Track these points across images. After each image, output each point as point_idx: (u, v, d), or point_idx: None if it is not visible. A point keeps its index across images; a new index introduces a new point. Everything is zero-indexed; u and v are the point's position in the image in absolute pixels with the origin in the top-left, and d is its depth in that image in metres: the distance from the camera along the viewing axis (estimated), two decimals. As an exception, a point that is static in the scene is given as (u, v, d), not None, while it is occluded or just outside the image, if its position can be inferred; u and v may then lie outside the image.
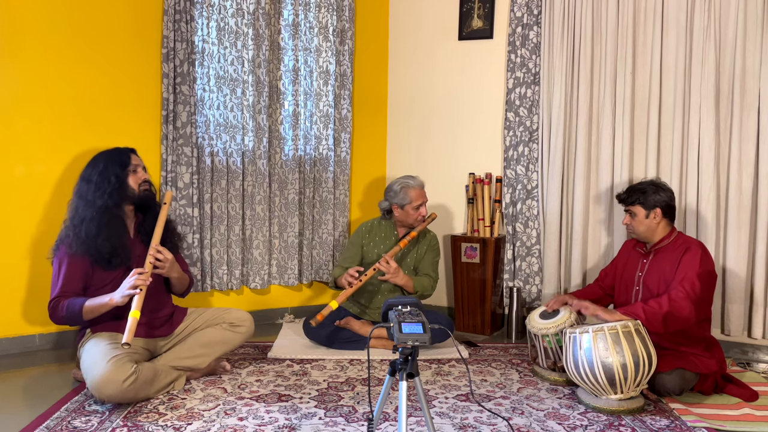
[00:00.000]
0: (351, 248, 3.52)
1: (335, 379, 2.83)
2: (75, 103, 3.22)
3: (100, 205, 2.59)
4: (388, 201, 3.43)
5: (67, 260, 2.58)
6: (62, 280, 2.56)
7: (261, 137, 3.71)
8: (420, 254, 3.47)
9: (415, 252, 3.47)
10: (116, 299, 2.46)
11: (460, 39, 4.00)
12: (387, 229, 3.50)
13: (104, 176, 2.63)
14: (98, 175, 2.63)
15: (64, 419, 2.30)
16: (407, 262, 3.46)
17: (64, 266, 2.57)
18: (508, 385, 2.79)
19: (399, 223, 3.46)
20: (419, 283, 3.36)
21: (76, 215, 2.61)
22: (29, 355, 3.11)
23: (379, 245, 3.46)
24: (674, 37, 3.40)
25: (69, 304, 2.51)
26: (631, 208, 2.85)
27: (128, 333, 2.33)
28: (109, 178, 2.63)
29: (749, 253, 3.31)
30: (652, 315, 2.54)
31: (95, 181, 2.62)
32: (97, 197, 2.60)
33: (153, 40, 3.40)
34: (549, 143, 3.71)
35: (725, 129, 3.34)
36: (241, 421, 2.32)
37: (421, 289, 3.36)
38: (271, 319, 3.90)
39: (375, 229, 3.53)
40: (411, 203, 3.36)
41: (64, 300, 2.53)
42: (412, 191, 3.37)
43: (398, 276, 3.27)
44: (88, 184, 2.64)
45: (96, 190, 2.61)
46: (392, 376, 1.82)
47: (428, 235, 3.51)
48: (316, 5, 3.87)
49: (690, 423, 2.37)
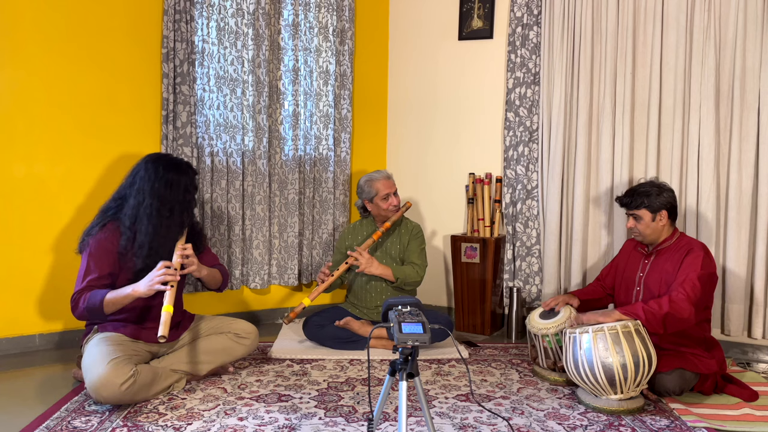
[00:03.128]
0: (336, 254, 3.58)
1: (335, 379, 2.83)
2: (75, 103, 3.22)
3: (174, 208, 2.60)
4: (360, 199, 3.49)
5: (95, 254, 2.53)
6: (87, 274, 2.51)
7: (261, 137, 3.71)
8: (404, 244, 3.48)
9: (398, 243, 3.48)
10: (141, 289, 2.41)
11: (460, 39, 4.01)
12: (368, 228, 3.53)
13: (181, 183, 2.63)
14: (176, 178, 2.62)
15: (64, 419, 2.30)
16: (392, 254, 3.47)
17: (92, 261, 2.52)
18: (508, 385, 2.79)
19: (377, 218, 3.49)
20: (399, 272, 3.37)
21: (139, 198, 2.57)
22: (29, 355, 3.11)
23: (362, 244, 3.48)
24: (674, 37, 3.40)
25: (90, 296, 2.45)
26: (636, 212, 2.80)
27: (163, 326, 2.31)
28: (186, 186, 2.65)
29: (749, 253, 3.31)
30: (652, 316, 2.53)
31: (171, 183, 2.60)
32: (174, 199, 2.60)
33: (153, 40, 3.40)
34: (549, 143, 3.71)
35: (725, 129, 3.34)
36: (241, 421, 2.32)
37: (402, 276, 3.36)
38: (271, 319, 3.91)
39: (357, 230, 3.57)
40: (378, 194, 3.40)
41: (87, 292, 2.47)
42: (376, 183, 3.41)
43: (372, 266, 3.31)
44: (161, 182, 2.59)
45: (173, 193, 2.60)
46: (392, 376, 1.82)
47: (410, 225, 3.53)
48: (316, 5, 3.87)
49: (690, 423, 2.37)
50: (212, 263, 2.86)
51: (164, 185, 2.59)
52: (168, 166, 2.63)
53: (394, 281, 3.36)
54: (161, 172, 2.60)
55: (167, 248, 2.57)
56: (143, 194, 2.57)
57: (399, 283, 3.37)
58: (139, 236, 2.55)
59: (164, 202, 2.58)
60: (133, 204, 2.58)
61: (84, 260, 2.55)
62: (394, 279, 3.36)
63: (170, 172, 2.61)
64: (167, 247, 2.57)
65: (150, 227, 2.54)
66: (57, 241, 3.19)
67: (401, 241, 3.49)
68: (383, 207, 3.41)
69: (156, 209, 2.56)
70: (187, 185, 2.67)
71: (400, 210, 3.46)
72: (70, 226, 3.19)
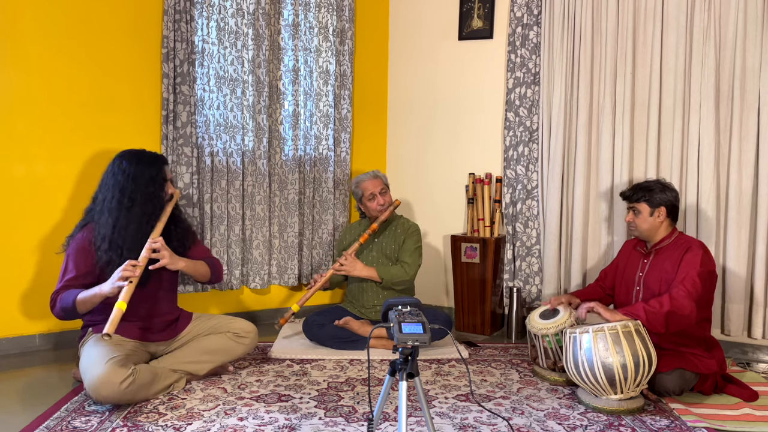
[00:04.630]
0: (337, 255, 3.60)
1: (335, 379, 2.83)
2: (75, 103, 3.22)
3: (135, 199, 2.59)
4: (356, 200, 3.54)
5: (73, 254, 2.57)
6: (65, 273, 2.56)
7: (261, 137, 3.71)
8: (399, 243, 3.47)
9: (393, 242, 3.48)
10: (105, 289, 2.43)
11: (460, 39, 4.00)
12: (365, 227, 3.54)
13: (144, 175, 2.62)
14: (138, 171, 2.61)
15: (64, 419, 2.30)
16: (387, 254, 3.46)
17: (71, 261, 2.57)
18: (508, 385, 2.79)
19: (371, 219, 3.51)
20: (385, 272, 3.37)
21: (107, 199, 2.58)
22: (29, 355, 3.11)
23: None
24: (674, 37, 3.40)
25: (64, 296, 2.50)
26: (635, 205, 2.84)
27: (110, 324, 2.29)
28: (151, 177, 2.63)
29: (749, 253, 3.31)
30: (653, 315, 2.53)
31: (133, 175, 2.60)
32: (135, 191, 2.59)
33: (153, 40, 3.40)
34: (549, 143, 3.71)
35: (725, 129, 3.34)
36: (241, 421, 2.32)
37: (389, 276, 3.36)
38: (271, 319, 3.90)
39: (355, 229, 3.60)
40: (364, 194, 3.43)
41: (63, 292, 2.52)
42: (363, 183, 3.44)
43: (356, 269, 3.35)
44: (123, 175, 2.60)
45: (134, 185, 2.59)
46: (392, 376, 1.82)
47: (407, 224, 3.53)
48: (316, 5, 3.87)
49: (690, 423, 2.37)
50: (201, 256, 2.84)
51: (125, 178, 2.60)
52: (131, 159, 2.64)
53: (381, 281, 3.37)
54: (124, 165, 2.62)
55: (135, 242, 2.57)
56: (108, 189, 2.61)
57: (386, 284, 3.38)
58: (101, 230, 2.57)
59: (125, 193, 2.58)
60: (99, 200, 2.63)
61: (64, 261, 2.61)
62: (380, 279, 3.36)
63: (132, 165, 2.62)
64: (135, 241, 2.57)
65: (110, 219, 2.56)
66: (57, 241, 3.18)
67: (397, 240, 3.48)
68: (371, 207, 3.43)
69: (117, 201, 2.57)
70: (153, 176, 2.64)
71: (387, 210, 3.46)
72: (70, 227, 3.17)
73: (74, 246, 2.60)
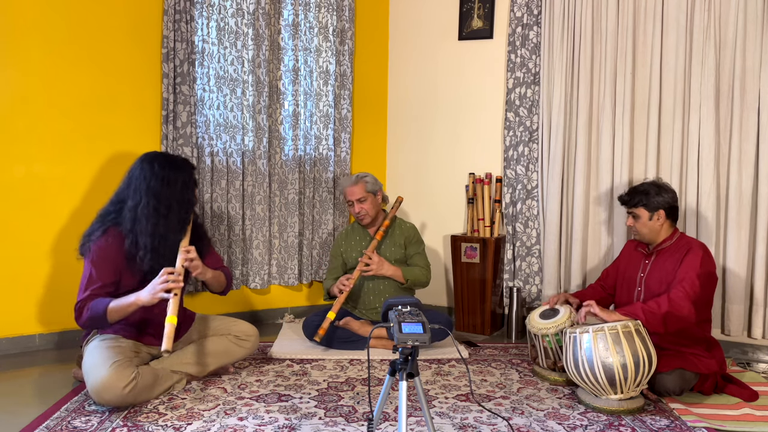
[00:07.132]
0: (333, 260, 3.58)
1: (335, 379, 2.83)
2: (75, 103, 3.22)
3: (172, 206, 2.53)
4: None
5: (98, 262, 2.46)
6: (90, 282, 2.45)
7: (261, 137, 3.71)
8: (398, 245, 3.46)
9: (392, 245, 3.46)
10: (144, 298, 2.37)
11: (460, 39, 4.00)
12: (360, 232, 3.52)
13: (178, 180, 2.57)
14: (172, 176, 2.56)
15: (64, 419, 2.30)
16: (386, 256, 3.44)
17: (95, 269, 2.45)
18: (508, 385, 2.79)
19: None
20: (409, 272, 3.38)
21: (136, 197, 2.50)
22: (29, 355, 3.11)
23: (356, 248, 3.48)
24: (674, 37, 3.40)
25: (93, 305, 2.40)
26: (634, 210, 2.84)
27: (167, 339, 2.25)
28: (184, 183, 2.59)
29: (749, 253, 3.31)
30: (651, 315, 2.54)
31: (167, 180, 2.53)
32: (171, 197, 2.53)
33: (153, 40, 3.40)
34: (549, 143, 3.71)
35: (725, 129, 3.34)
36: (241, 421, 2.32)
37: (412, 277, 3.37)
38: (271, 319, 3.91)
39: (350, 234, 3.56)
40: (345, 199, 3.44)
41: (89, 302, 2.42)
42: (344, 188, 3.45)
43: (383, 268, 3.32)
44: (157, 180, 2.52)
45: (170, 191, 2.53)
46: (392, 376, 1.82)
47: (404, 225, 3.52)
48: (316, 5, 3.87)
49: (690, 423, 2.37)
50: (216, 265, 2.80)
51: (160, 183, 2.52)
52: (163, 163, 2.57)
53: (404, 282, 3.37)
54: (157, 169, 2.54)
55: (170, 249, 2.52)
56: (140, 194, 2.51)
57: (409, 284, 3.38)
58: (140, 238, 2.48)
59: (162, 200, 2.51)
60: (131, 206, 2.51)
61: (86, 268, 2.49)
62: (404, 280, 3.36)
63: (166, 169, 2.55)
64: (170, 248, 2.52)
65: (149, 227, 2.48)
66: (57, 241, 3.19)
67: (395, 242, 3.48)
68: (353, 213, 3.42)
69: (154, 208, 2.49)
70: (186, 181, 2.60)
71: (394, 208, 3.46)
72: (70, 227, 3.19)
73: (98, 253, 2.47)
